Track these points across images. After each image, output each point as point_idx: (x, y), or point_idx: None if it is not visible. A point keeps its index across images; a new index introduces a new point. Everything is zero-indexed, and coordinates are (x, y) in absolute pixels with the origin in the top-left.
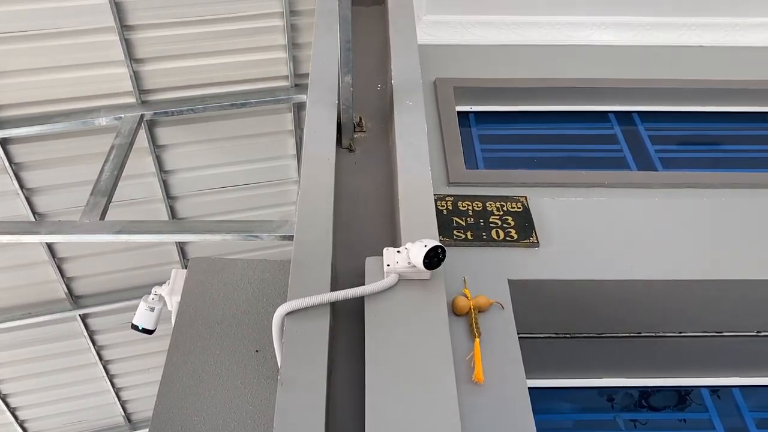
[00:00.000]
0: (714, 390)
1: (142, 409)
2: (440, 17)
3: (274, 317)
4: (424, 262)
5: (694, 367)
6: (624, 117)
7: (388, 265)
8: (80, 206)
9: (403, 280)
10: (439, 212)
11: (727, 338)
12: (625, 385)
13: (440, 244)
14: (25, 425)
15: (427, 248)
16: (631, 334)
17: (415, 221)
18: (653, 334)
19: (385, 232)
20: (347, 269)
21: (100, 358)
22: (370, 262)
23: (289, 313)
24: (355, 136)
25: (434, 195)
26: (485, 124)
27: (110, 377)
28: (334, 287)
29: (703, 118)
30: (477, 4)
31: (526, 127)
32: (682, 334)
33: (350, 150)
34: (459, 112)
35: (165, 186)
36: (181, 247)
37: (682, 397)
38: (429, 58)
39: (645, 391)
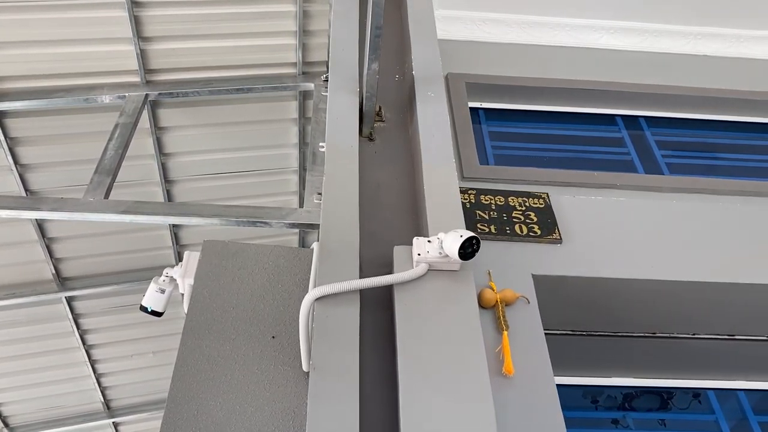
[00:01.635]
0: (721, 392)
1: (121, 397)
2: (452, 12)
3: (303, 302)
4: (459, 253)
5: (704, 369)
6: (631, 121)
7: (419, 254)
8: (75, 185)
9: (432, 270)
10: (462, 205)
11: (738, 342)
12: (636, 385)
13: (475, 235)
14: (0, 408)
15: (463, 239)
16: (646, 335)
17: (442, 212)
18: (667, 335)
19: (407, 223)
20: (369, 258)
21: (83, 343)
22: (398, 251)
23: (318, 299)
24: (375, 125)
25: None
26: (495, 121)
27: (92, 362)
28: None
29: (706, 126)
30: (488, 1)
31: (535, 126)
32: (695, 336)
33: (370, 139)
34: (470, 108)
35: (163, 169)
36: (175, 232)
37: (690, 398)
38: (440, 53)
39: (655, 391)
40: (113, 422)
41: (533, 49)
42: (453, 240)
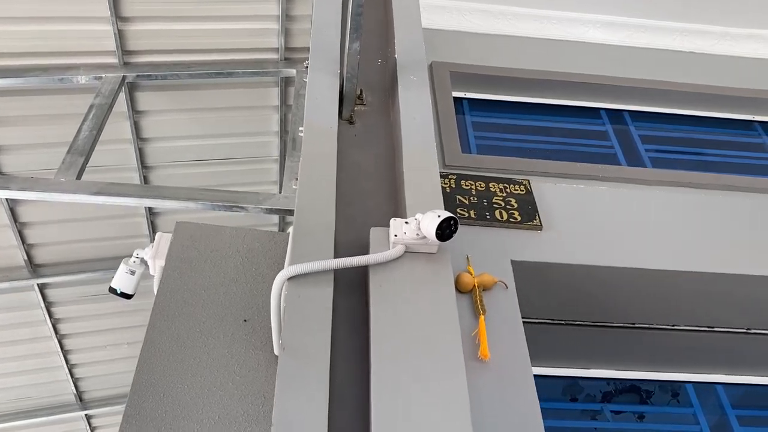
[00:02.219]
0: (699, 385)
1: (94, 388)
2: (438, 1)
3: (275, 281)
4: (437, 233)
5: (683, 361)
6: (615, 115)
7: (396, 236)
8: (48, 169)
9: (408, 253)
10: (441, 190)
11: (718, 334)
12: (614, 377)
13: (453, 215)
14: None
15: (441, 218)
16: (625, 324)
17: (421, 194)
18: (647, 326)
19: (386, 207)
20: (346, 241)
21: (56, 332)
22: (374, 232)
23: (291, 279)
24: (356, 108)
25: None
26: (479, 112)
27: (64, 353)
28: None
29: (690, 122)
30: None
31: (519, 117)
32: (675, 327)
33: (350, 122)
34: (453, 98)
35: (140, 154)
36: (152, 220)
37: (668, 390)
38: (426, 42)
39: (633, 383)
40: (85, 414)
41: (519, 40)
42: (430, 220)
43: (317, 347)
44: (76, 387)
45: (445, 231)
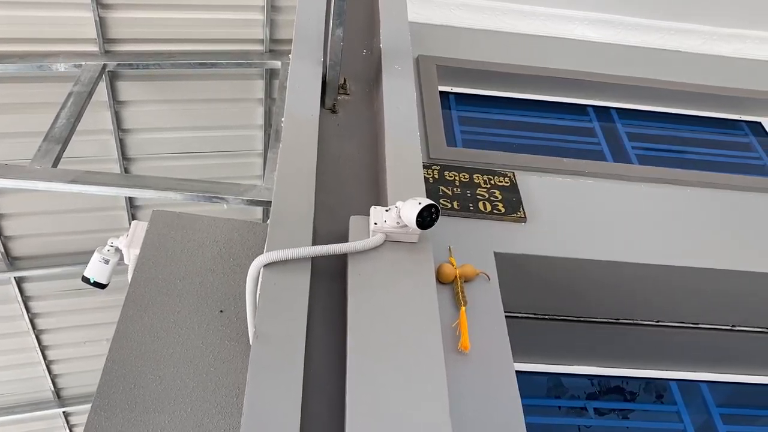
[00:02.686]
0: (683, 383)
1: (73, 385)
2: None
3: (250, 268)
4: (417, 221)
5: (667, 358)
6: (602, 112)
7: (375, 224)
8: (24, 159)
9: (389, 242)
10: (424, 180)
11: (703, 330)
12: (597, 373)
13: (434, 203)
14: None
15: (422, 206)
16: (609, 320)
17: (403, 184)
18: (630, 321)
19: (367, 197)
20: (326, 231)
21: (33, 327)
22: (354, 220)
23: (267, 266)
24: (339, 97)
25: None
26: (465, 106)
27: (42, 348)
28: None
29: (677, 120)
30: None
31: (506, 113)
32: (659, 323)
33: (333, 111)
34: (440, 92)
35: (121, 145)
36: (133, 213)
37: (652, 388)
38: (412, 35)
39: (616, 380)
40: (63, 411)
41: (507, 36)
42: (411, 207)
43: (292, 335)
44: (54, 384)
45: (426, 219)
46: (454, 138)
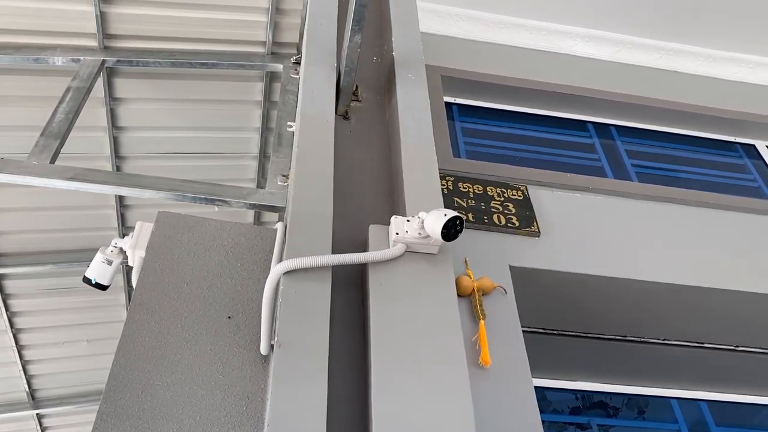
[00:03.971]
0: (684, 401)
1: (48, 387)
2: (429, 5)
3: (270, 274)
4: (442, 233)
5: (671, 376)
6: (602, 129)
7: (397, 234)
8: (16, 153)
9: (408, 252)
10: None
11: (708, 350)
12: (601, 390)
13: (460, 215)
14: None
15: (447, 217)
16: (617, 337)
17: (421, 194)
18: (637, 339)
19: (381, 204)
20: (340, 238)
21: (11, 326)
22: (374, 229)
23: (287, 273)
24: (351, 104)
25: None
26: (468, 118)
27: (19, 348)
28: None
29: (673, 139)
30: None
31: (508, 126)
32: (665, 342)
33: (345, 117)
34: (444, 102)
35: (114, 143)
36: (122, 212)
37: (653, 405)
38: None
39: (620, 397)
40: (36, 414)
41: (509, 49)
42: (436, 218)
43: (315, 344)
44: (29, 384)
45: (451, 230)
46: (458, 149)
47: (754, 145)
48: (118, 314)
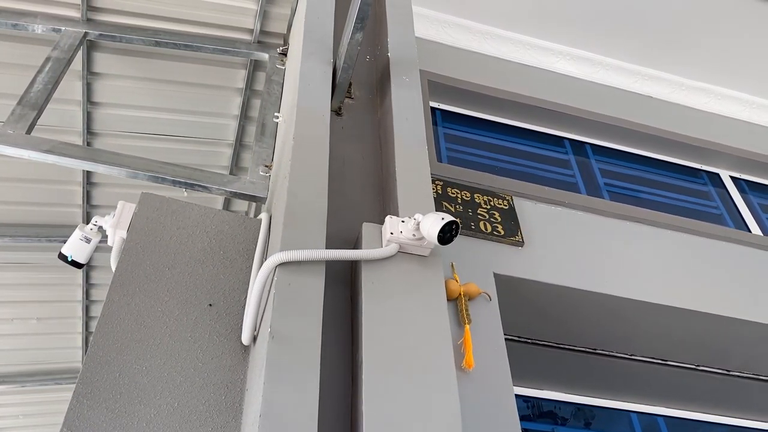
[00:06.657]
0: (642, 416)
1: None
2: (418, 9)
3: (264, 265)
4: (438, 236)
5: (634, 391)
6: (578, 146)
7: (391, 233)
8: None
9: (400, 253)
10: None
11: (671, 367)
12: (567, 400)
13: (456, 220)
14: None
15: (445, 221)
16: (587, 350)
17: (413, 194)
18: (606, 353)
19: (372, 202)
20: (331, 233)
21: None
22: (367, 228)
23: (281, 265)
24: (344, 101)
25: None
26: (451, 124)
27: None
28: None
29: (644, 162)
30: (455, 5)
31: (488, 135)
32: (632, 357)
33: (338, 113)
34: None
35: (88, 119)
36: (88, 190)
37: (611, 417)
38: None
39: (583, 408)
40: None
41: (494, 60)
42: (433, 222)
43: (308, 337)
44: None
45: (446, 234)
46: (440, 154)
47: (718, 174)
48: (73, 293)
